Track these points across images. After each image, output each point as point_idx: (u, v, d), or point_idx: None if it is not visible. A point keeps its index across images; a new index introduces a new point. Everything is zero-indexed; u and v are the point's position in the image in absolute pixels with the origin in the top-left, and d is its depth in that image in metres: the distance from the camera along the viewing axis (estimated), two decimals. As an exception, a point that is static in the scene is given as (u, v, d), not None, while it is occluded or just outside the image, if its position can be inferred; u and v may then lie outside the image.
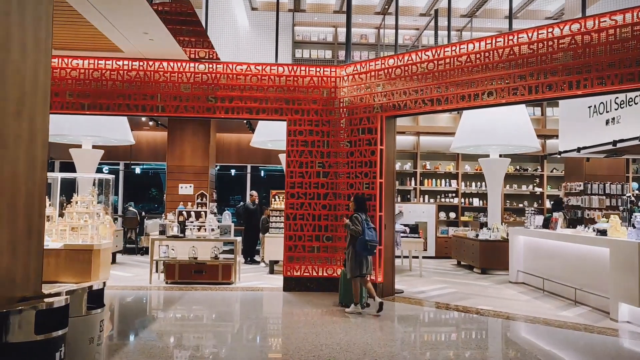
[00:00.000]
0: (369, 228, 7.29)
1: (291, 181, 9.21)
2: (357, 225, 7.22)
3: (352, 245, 7.31)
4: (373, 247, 7.32)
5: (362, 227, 7.21)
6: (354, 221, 7.29)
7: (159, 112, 9.17)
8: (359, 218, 7.30)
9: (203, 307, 7.91)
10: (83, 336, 3.67)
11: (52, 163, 16.11)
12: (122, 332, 6.53)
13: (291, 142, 9.26)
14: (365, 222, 7.31)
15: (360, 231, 7.19)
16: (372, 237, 7.26)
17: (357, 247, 7.24)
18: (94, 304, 3.93)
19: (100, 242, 9.72)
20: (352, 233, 7.26)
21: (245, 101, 9.22)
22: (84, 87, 9.03)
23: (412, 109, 8.42)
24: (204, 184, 12.88)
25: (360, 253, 7.26)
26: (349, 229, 7.31)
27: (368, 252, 7.29)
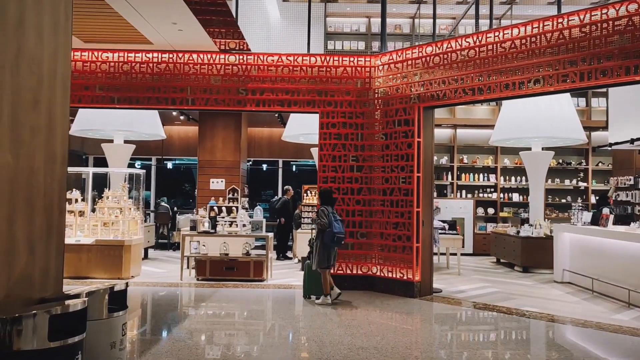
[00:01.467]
0: (336, 220, 7.43)
1: (324, 176, 8.89)
2: (323, 219, 7.36)
3: (320, 238, 7.43)
4: (341, 239, 7.48)
5: (330, 220, 7.35)
6: (320, 214, 7.43)
7: (188, 105, 8.96)
8: (325, 211, 7.43)
9: (234, 305, 7.68)
10: (104, 341, 3.43)
11: (86, 158, 16.20)
12: (152, 330, 6.34)
13: (324, 135, 8.93)
14: (333, 214, 7.45)
15: (327, 224, 7.33)
16: (340, 229, 7.41)
17: (326, 239, 7.37)
18: (116, 306, 3.68)
19: (131, 237, 9.61)
20: (320, 226, 7.39)
21: (276, 93, 8.93)
22: (113, 80, 8.89)
23: (451, 98, 7.98)
24: (236, 179, 12.67)
25: (328, 245, 7.41)
26: (316, 223, 7.48)
27: (336, 243, 7.46)
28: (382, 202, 8.65)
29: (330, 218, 7.38)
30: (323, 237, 7.41)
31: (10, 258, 3.06)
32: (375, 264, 8.68)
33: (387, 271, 8.51)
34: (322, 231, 7.40)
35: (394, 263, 8.43)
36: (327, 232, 7.36)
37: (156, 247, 14.13)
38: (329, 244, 7.41)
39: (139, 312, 7.53)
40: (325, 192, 7.80)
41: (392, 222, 8.49)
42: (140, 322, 6.87)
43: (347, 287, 8.68)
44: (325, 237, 7.39)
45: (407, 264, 8.27)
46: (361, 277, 8.73)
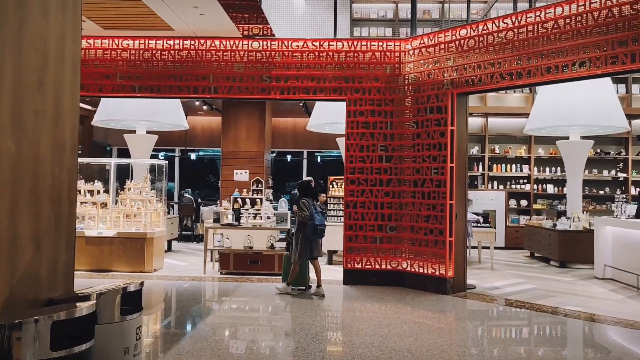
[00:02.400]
0: (317, 212, 7.43)
1: (351, 166, 8.51)
2: (304, 211, 7.33)
3: (301, 230, 7.40)
4: (322, 231, 7.48)
5: (311, 212, 7.33)
6: (301, 207, 7.37)
7: (211, 94, 8.66)
8: (306, 203, 7.38)
9: (258, 300, 7.38)
10: (116, 346, 3.13)
11: (110, 150, 16.11)
12: (173, 328, 6.08)
13: (351, 124, 8.54)
14: (313, 207, 7.44)
15: (308, 216, 7.31)
16: (321, 221, 7.42)
17: (307, 231, 7.35)
18: (130, 307, 3.38)
19: (154, 230, 9.39)
20: (301, 219, 7.36)
21: (301, 80, 8.56)
22: (134, 68, 8.64)
23: (487, 84, 7.51)
24: (260, 170, 12.37)
25: (309, 237, 7.38)
26: (297, 215, 7.43)
27: (317, 235, 7.43)
28: (413, 194, 8.24)
29: (311, 210, 7.35)
30: (304, 229, 7.37)
31: (13, 254, 2.78)
32: (405, 258, 8.29)
33: (418, 266, 8.11)
34: (304, 224, 7.36)
35: (425, 258, 8.03)
36: (308, 225, 7.33)
37: (180, 239, 13.97)
38: (311, 236, 7.38)
39: (160, 307, 7.29)
40: (306, 184, 7.74)
41: (424, 215, 8.08)
42: (161, 319, 6.63)
43: (376, 282, 8.32)
44: (307, 229, 7.35)
45: (439, 259, 7.86)
46: (391, 273, 8.36)
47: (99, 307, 2.98)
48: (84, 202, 9.67)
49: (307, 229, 7.37)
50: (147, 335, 5.55)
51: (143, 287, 3.57)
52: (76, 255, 9.07)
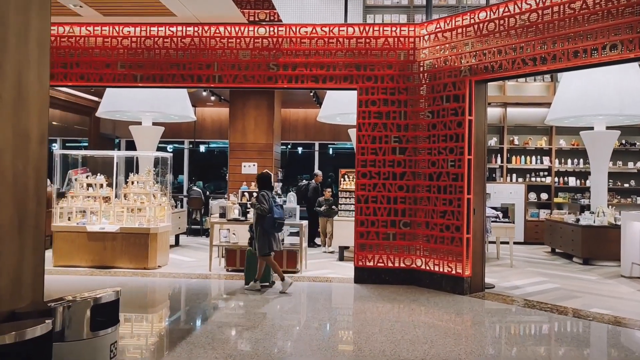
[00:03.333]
0: (277, 206, 7.27)
1: (362, 159, 8.07)
2: (264, 204, 7.13)
3: (260, 224, 7.21)
4: (281, 225, 7.37)
5: (270, 205, 7.15)
6: (260, 200, 7.18)
7: (215, 83, 8.26)
8: (265, 196, 7.19)
9: (264, 300, 7.00)
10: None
11: (119, 142, 15.83)
12: (171, 331, 5.72)
13: (362, 114, 8.09)
14: (273, 199, 7.26)
15: (267, 209, 7.11)
16: (281, 215, 7.27)
17: (266, 225, 7.17)
18: (105, 320, 2.99)
19: (158, 224, 9.04)
20: (260, 212, 7.16)
21: (310, 68, 8.12)
22: (136, 57, 8.26)
23: (508, 70, 6.99)
24: (269, 162, 11.94)
25: (268, 231, 7.20)
26: (256, 208, 7.22)
27: (276, 229, 7.29)
28: (428, 188, 7.78)
29: (270, 203, 7.16)
30: (263, 223, 7.18)
31: (-37, 263, 2.40)
32: (419, 256, 7.85)
33: (434, 264, 7.66)
34: (263, 217, 7.16)
35: (441, 256, 7.58)
36: (267, 218, 7.15)
37: (189, 233, 13.66)
38: (270, 230, 7.20)
39: (160, 308, 6.95)
40: (264, 177, 7.52)
41: (439, 210, 7.62)
42: (159, 320, 6.28)
43: (389, 281, 7.89)
44: (266, 223, 7.17)
45: (456, 256, 7.40)
46: (404, 271, 7.92)
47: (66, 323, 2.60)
48: (86, 196, 9.36)
49: (265, 222, 7.16)
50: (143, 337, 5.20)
51: (120, 296, 3.18)
52: (78, 251, 8.82)
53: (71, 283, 7.78)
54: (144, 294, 7.32)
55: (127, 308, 6.61)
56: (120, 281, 7.92)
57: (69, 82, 8.37)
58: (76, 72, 8.30)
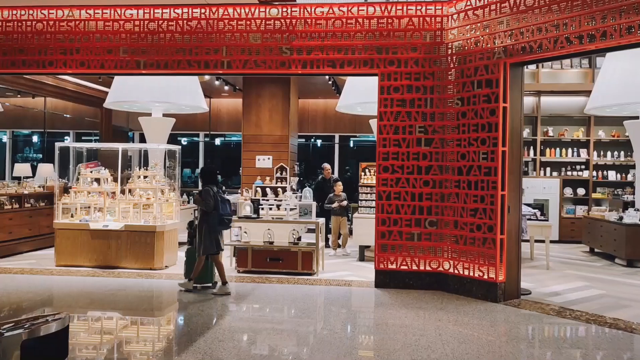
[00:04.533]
0: (222, 201, 6.81)
1: (384, 151, 7.34)
2: (208, 200, 6.64)
3: (205, 221, 6.74)
4: (228, 221, 6.91)
5: (215, 200, 6.67)
6: (204, 195, 6.70)
7: (224, 69, 7.61)
8: (209, 192, 6.70)
9: (276, 306, 6.36)
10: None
11: (132, 135, 15.36)
12: (169, 341, 5.11)
13: (384, 102, 7.35)
14: (218, 194, 6.81)
15: (212, 206, 6.65)
16: (226, 211, 6.84)
17: (211, 222, 6.72)
18: (50, 353, 2.36)
19: (165, 222, 8.47)
20: (204, 208, 6.70)
21: (326, 52, 7.41)
22: (139, 42, 7.66)
23: (549, 50, 6.17)
24: (284, 156, 11.26)
25: (214, 229, 6.75)
26: (200, 204, 6.77)
27: (223, 226, 6.86)
28: (457, 184, 7.02)
29: (215, 199, 6.70)
30: (208, 220, 6.71)
31: None
32: (447, 258, 7.11)
33: (463, 268, 6.92)
34: (207, 214, 6.70)
35: (471, 258, 6.83)
36: (212, 215, 6.69)
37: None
38: (216, 227, 6.76)
39: (161, 315, 6.35)
40: (208, 170, 7.08)
41: (470, 207, 6.86)
42: (159, 329, 5.68)
43: (413, 285, 7.18)
44: (211, 220, 6.71)
45: (488, 259, 6.64)
46: (430, 274, 7.19)
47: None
48: (91, 191, 8.84)
49: (211, 219, 6.70)
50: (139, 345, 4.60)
51: (69, 324, 2.54)
52: (81, 250, 8.27)
53: (69, 285, 7.26)
54: (144, 298, 6.74)
55: (124, 313, 6.06)
56: (121, 283, 7.36)
57: (68, 70, 7.82)
58: (76, 59, 7.74)
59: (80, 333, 5.32)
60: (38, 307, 6.37)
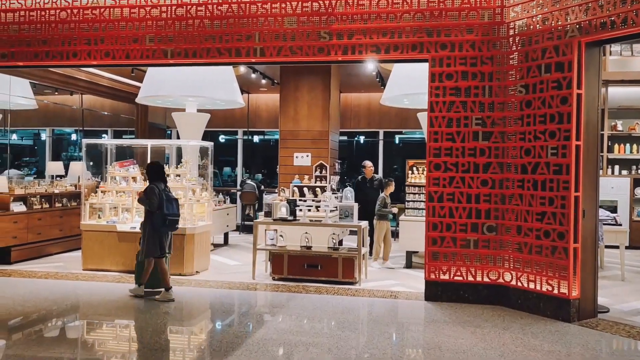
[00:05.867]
0: (169, 200, 6.36)
1: (435, 146, 6.49)
2: (152, 198, 6.22)
3: (149, 221, 6.32)
4: (174, 222, 6.40)
5: (160, 199, 6.24)
6: (148, 193, 6.28)
7: (257, 57, 6.93)
8: (155, 189, 6.29)
9: (313, 321, 5.63)
10: None
11: (170, 132, 14.96)
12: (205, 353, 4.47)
13: (435, 91, 6.50)
14: (165, 193, 6.36)
15: (156, 205, 6.22)
16: (173, 210, 6.34)
17: (155, 223, 6.26)
18: None
19: (195, 224, 7.88)
20: (148, 207, 6.30)
21: (370, 35, 6.62)
22: (166, 29, 7.08)
23: (637, 25, 5.19)
24: (324, 153, 10.47)
25: (159, 230, 6.30)
26: (143, 203, 6.36)
27: (168, 227, 6.37)
28: (521, 183, 6.11)
29: (160, 197, 6.26)
30: (152, 220, 6.27)
31: None
32: (508, 269, 6.20)
33: (527, 280, 6.00)
34: (152, 213, 6.27)
35: (537, 269, 5.90)
36: (156, 215, 6.24)
37: (242, 230, 12.57)
38: (160, 228, 6.29)
39: (190, 325, 5.72)
40: (154, 167, 6.59)
41: (536, 211, 5.94)
42: (189, 340, 5.04)
43: (470, 299, 6.31)
44: (155, 220, 6.25)
45: (559, 271, 5.71)
46: (488, 287, 6.30)
47: None
48: (120, 191, 8.35)
49: (155, 219, 6.25)
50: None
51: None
52: (108, 253, 7.74)
53: (91, 293, 6.75)
54: (169, 309, 6.11)
55: (142, 326, 5.47)
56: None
57: (93, 61, 7.32)
58: (101, 49, 7.23)
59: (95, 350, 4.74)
60: (52, 317, 5.85)
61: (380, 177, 9.56)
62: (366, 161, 9.78)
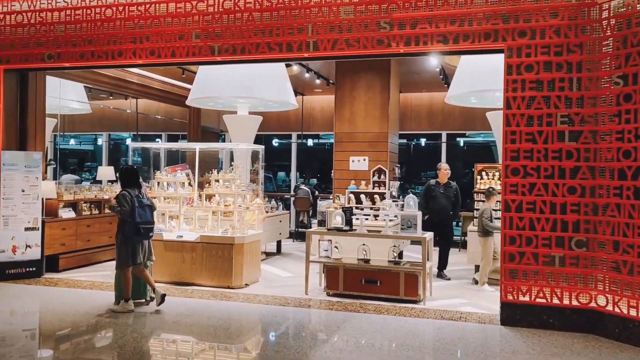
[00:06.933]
0: (142, 207, 6.03)
1: (513, 148, 5.66)
2: (124, 205, 5.91)
3: (122, 230, 6.04)
4: (148, 230, 6.05)
5: (132, 206, 5.93)
6: (120, 200, 5.96)
7: (309, 52, 6.32)
8: (127, 196, 5.97)
9: (373, 347, 4.93)
10: None
11: (223, 136, 14.65)
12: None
13: (513, 85, 5.68)
14: (137, 198, 6.01)
15: (128, 212, 5.91)
16: (146, 218, 6.02)
17: (127, 231, 5.95)
18: None
19: (245, 233, 7.35)
20: (120, 215, 5.98)
21: (436, 23, 5.88)
22: (212, 24, 6.61)
23: None
24: (382, 157, 9.69)
25: (131, 239, 5.98)
26: (115, 211, 6.02)
27: (141, 236, 6.02)
28: (618, 191, 5.19)
29: (133, 204, 5.93)
30: (124, 229, 5.97)
31: None
32: (603, 291, 5.28)
33: (628, 306, 5.07)
34: (124, 221, 5.97)
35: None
36: (129, 223, 5.92)
37: (295, 237, 12.03)
38: (132, 237, 5.96)
39: (232, 348, 5.15)
40: (127, 171, 6.26)
41: (638, 224, 5.00)
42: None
43: (555, 325, 5.44)
44: (127, 228, 5.94)
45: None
46: (578, 312, 5.40)
47: None
48: (167, 197, 7.95)
49: (127, 228, 5.93)
50: None
51: None
52: (155, 263, 7.38)
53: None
54: (212, 328, 5.58)
55: (182, 348, 4.95)
56: (192, 306, 6.30)
57: (138, 60, 6.94)
58: (146, 47, 6.84)
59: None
60: (81, 335, 5.43)
61: (455, 184, 8.13)
62: (442, 163, 8.41)
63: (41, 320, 6.00)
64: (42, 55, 7.25)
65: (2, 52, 7.39)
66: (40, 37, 7.24)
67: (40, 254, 7.71)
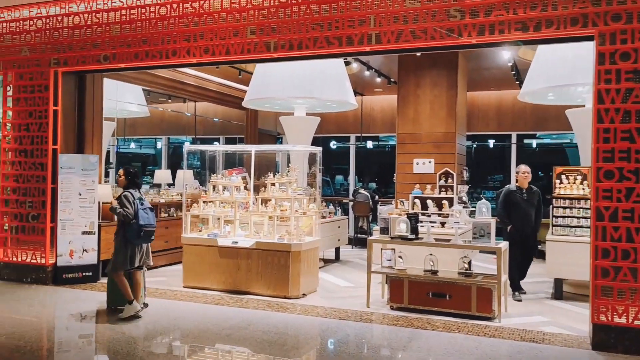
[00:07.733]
0: (144, 209, 5.84)
1: (605, 148, 4.96)
2: (127, 208, 5.69)
3: (122, 232, 5.83)
4: (150, 233, 5.88)
5: (135, 208, 5.73)
6: (122, 202, 5.74)
7: (371, 45, 5.85)
8: (129, 197, 5.76)
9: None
10: None
11: (281, 139, 14.38)
12: None
13: (605, 75, 4.98)
14: (140, 201, 5.83)
15: (132, 214, 5.69)
16: (148, 221, 5.82)
17: (129, 234, 5.75)
18: None
19: (302, 239, 6.95)
20: (121, 218, 5.75)
21: (514, 9, 5.28)
22: (268, 18, 6.26)
23: None
24: (449, 159, 9.02)
25: (132, 242, 5.80)
26: (116, 213, 5.78)
27: (143, 239, 5.86)
28: None
29: (135, 206, 5.74)
30: (126, 231, 5.75)
31: None
32: None
33: None
34: (125, 224, 5.75)
35: None
36: (131, 226, 5.72)
37: (355, 243, 11.56)
38: (134, 240, 5.78)
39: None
40: (130, 172, 6.03)
41: None
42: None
43: (626, 348, 4.69)
44: (129, 231, 5.74)
45: None
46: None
47: None
48: (223, 201, 7.67)
49: (128, 231, 5.73)
50: None
51: None
52: (209, 270, 6.91)
53: (184, 316, 6.02)
54: (267, 343, 5.17)
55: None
56: (245, 317, 5.95)
57: (192, 59, 6.69)
58: (200, 45, 6.59)
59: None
60: (125, 345, 5.16)
61: (537, 189, 7.18)
62: (521, 165, 7.27)
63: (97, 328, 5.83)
64: (98, 57, 7.16)
65: (61, 54, 7.35)
66: (96, 38, 7.15)
67: (96, 258, 7.61)
